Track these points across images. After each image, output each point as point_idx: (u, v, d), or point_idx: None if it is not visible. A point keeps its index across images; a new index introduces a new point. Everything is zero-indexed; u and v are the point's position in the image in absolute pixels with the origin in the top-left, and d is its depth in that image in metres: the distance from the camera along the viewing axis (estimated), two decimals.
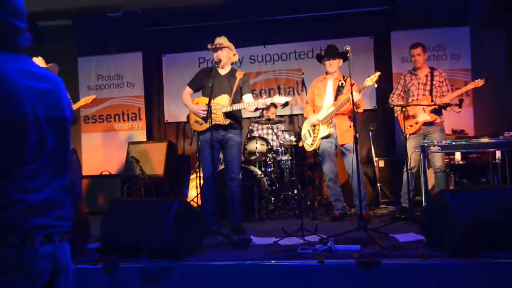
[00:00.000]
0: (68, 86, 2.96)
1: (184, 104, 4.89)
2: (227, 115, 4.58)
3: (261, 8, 7.21)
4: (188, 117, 4.93)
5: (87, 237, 3.82)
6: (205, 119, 4.45)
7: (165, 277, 3.17)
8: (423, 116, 5.06)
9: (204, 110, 4.49)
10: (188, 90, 4.81)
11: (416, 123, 5.09)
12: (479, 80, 4.93)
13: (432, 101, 5.06)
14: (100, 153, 7.44)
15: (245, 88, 4.76)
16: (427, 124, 5.11)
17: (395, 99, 5.42)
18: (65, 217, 1.50)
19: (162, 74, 7.57)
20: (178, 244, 3.31)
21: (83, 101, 4.80)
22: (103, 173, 7.07)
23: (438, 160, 5.07)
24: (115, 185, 6.78)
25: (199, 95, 4.84)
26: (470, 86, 4.99)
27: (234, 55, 4.79)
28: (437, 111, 5.08)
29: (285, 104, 4.63)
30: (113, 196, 6.59)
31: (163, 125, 7.66)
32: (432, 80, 5.16)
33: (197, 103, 4.70)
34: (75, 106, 4.81)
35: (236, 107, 4.54)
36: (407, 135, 5.08)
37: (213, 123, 4.40)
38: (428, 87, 5.16)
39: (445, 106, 4.96)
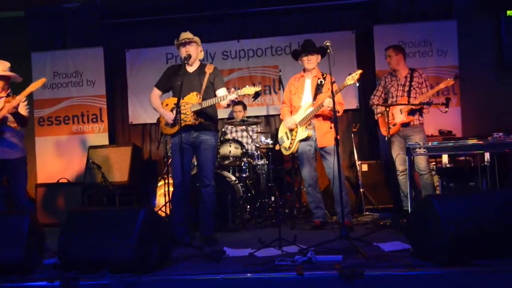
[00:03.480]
0: (20, 85, 2.91)
1: (153, 108, 4.84)
2: (198, 114, 4.55)
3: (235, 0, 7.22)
4: (158, 119, 4.90)
5: (42, 251, 3.75)
6: (173, 124, 4.48)
7: None
8: (400, 117, 5.26)
9: (172, 119, 4.49)
10: (157, 92, 4.78)
11: (394, 124, 5.26)
12: (450, 79, 5.21)
13: (408, 102, 5.24)
14: (57, 159, 7.32)
15: (218, 83, 4.73)
16: (404, 125, 5.30)
17: (375, 101, 5.66)
18: None
19: (125, 72, 7.51)
20: (144, 257, 3.28)
21: (32, 86, 4.55)
22: (60, 181, 6.96)
23: (421, 161, 5.20)
24: (75, 194, 6.69)
25: (168, 96, 4.83)
26: (441, 85, 5.19)
27: (201, 51, 4.79)
28: (413, 112, 5.28)
29: (256, 95, 4.63)
30: (72, 206, 6.50)
31: (127, 127, 7.59)
32: (411, 81, 5.38)
33: (166, 105, 4.68)
34: (24, 93, 4.53)
35: (205, 104, 4.51)
36: (386, 137, 5.22)
37: (182, 124, 4.36)
38: (406, 88, 5.39)
39: (426, 104, 5.17)
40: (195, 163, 5.08)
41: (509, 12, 6.70)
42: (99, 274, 3.17)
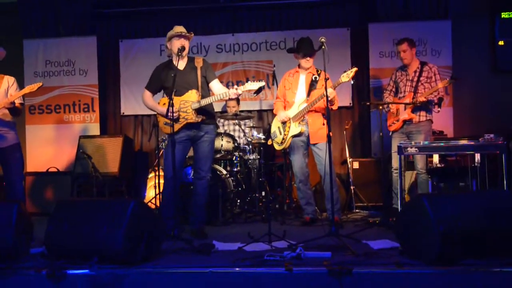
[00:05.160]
0: (11, 72, 2.88)
1: (149, 109, 4.81)
2: (198, 111, 4.57)
3: None
4: (156, 117, 4.87)
5: (30, 240, 3.73)
6: (176, 120, 4.47)
7: (118, 285, 3.12)
8: (403, 114, 5.22)
9: (176, 115, 4.47)
10: (148, 93, 4.76)
11: (398, 120, 5.26)
12: (447, 79, 5.20)
13: (413, 98, 5.20)
14: (47, 148, 7.26)
15: (210, 75, 4.74)
16: (408, 123, 5.26)
17: (386, 96, 5.60)
18: None
19: (118, 62, 7.44)
20: (133, 249, 3.27)
21: (27, 88, 4.66)
22: (50, 170, 6.91)
23: (419, 161, 5.22)
24: (64, 183, 6.64)
25: (159, 96, 4.82)
26: (440, 85, 5.14)
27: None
28: (417, 109, 5.23)
29: (259, 90, 4.64)
30: (62, 195, 6.47)
31: (119, 118, 7.54)
32: (419, 76, 5.30)
33: (164, 104, 4.64)
34: (18, 94, 4.69)
35: (206, 101, 4.53)
36: (391, 133, 5.37)
37: (184, 122, 4.49)
38: (414, 84, 5.31)
39: (423, 103, 5.12)
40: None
41: (503, 14, 6.73)
42: (86, 264, 3.15)
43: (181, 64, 4.65)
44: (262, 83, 4.53)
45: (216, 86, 4.72)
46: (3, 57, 4.74)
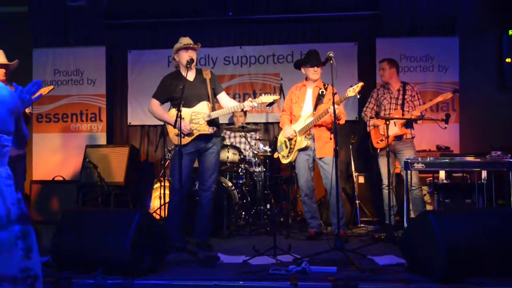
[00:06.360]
0: (20, 80, 2.91)
1: (157, 117, 4.82)
2: (210, 123, 4.60)
3: (239, 5, 7.24)
4: (165, 128, 4.88)
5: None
6: (190, 134, 4.52)
7: None
8: (393, 129, 5.22)
9: (189, 129, 4.52)
10: (156, 102, 4.76)
11: (386, 137, 5.19)
12: (448, 92, 5.22)
13: (402, 115, 5.27)
14: (53, 156, 7.28)
15: (218, 87, 4.80)
16: (397, 139, 5.28)
17: (368, 113, 5.67)
18: None
19: (127, 72, 7.49)
20: (138, 260, 3.28)
21: (39, 91, 4.67)
22: (56, 179, 6.93)
23: (412, 176, 5.19)
24: (70, 192, 6.65)
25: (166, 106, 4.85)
26: (439, 98, 5.23)
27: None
28: (408, 125, 5.31)
29: (271, 103, 4.68)
30: (67, 204, 6.46)
31: (126, 128, 7.56)
32: (404, 94, 5.41)
33: (173, 115, 4.65)
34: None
35: (219, 113, 4.58)
36: (378, 150, 5.40)
37: (197, 133, 4.54)
38: (400, 101, 5.42)
39: (418, 118, 5.21)
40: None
41: (511, 32, 6.73)
42: (92, 275, 3.16)
43: (190, 75, 4.65)
44: (277, 97, 4.59)
45: (224, 98, 4.76)
46: (15, 66, 4.77)
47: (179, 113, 4.24)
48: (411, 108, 5.36)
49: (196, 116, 4.56)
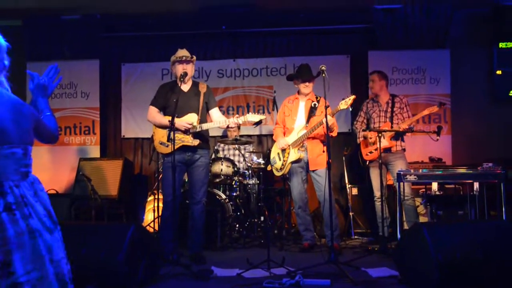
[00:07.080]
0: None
1: (157, 124, 4.79)
2: (195, 135, 4.60)
3: (233, 19, 7.29)
4: (152, 137, 4.89)
5: None
6: (187, 132, 4.53)
7: None
8: (382, 142, 5.24)
9: (190, 123, 4.52)
10: (155, 109, 4.80)
11: (376, 149, 5.22)
12: (434, 106, 5.25)
13: (391, 127, 5.31)
14: (46, 169, 7.24)
15: (211, 103, 4.83)
16: (386, 151, 5.31)
17: (358, 126, 5.74)
18: None
19: (120, 85, 7.49)
20: (132, 273, 3.27)
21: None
22: (49, 192, 6.89)
23: (405, 187, 5.21)
24: (63, 205, 6.59)
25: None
26: (425, 112, 5.28)
27: (194, 70, 4.87)
28: (397, 137, 5.36)
29: (258, 123, 4.70)
30: (60, 217, 6.36)
31: (119, 141, 7.56)
32: (392, 107, 5.47)
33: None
34: None
35: (205, 126, 4.59)
36: (367, 162, 5.46)
37: (180, 144, 4.51)
38: (388, 114, 5.47)
39: (407, 131, 5.27)
40: (186, 180, 5.10)
41: (501, 45, 6.80)
42: None
43: (185, 87, 4.74)
44: (263, 116, 4.62)
45: (215, 113, 4.79)
46: None
47: (172, 126, 4.26)
48: (400, 121, 5.40)
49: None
